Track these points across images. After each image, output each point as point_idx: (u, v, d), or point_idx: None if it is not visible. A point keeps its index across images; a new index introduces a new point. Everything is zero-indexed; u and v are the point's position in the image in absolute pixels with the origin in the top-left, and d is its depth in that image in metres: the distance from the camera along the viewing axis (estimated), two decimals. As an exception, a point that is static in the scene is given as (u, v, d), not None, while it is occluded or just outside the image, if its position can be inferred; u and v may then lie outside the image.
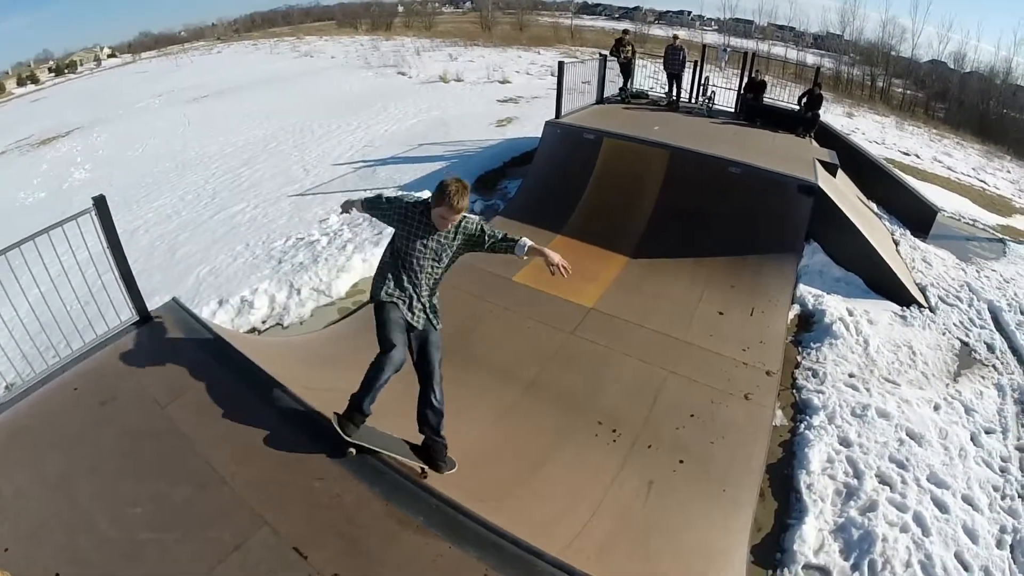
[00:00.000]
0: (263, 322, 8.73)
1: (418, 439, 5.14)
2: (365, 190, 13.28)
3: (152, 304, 6.46)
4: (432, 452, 5.09)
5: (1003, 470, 7.10)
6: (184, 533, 4.16)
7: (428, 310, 5.00)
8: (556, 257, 4.86)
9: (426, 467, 5.08)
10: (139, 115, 24.73)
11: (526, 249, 4.93)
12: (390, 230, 4.83)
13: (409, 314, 4.85)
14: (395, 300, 4.78)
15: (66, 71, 63.16)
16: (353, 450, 4.77)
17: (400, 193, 6.59)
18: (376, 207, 5.02)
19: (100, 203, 5.63)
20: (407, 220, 4.74)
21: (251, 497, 4.40)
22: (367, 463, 4.77)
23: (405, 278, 4.81)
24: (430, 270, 4.88)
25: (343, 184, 13.99)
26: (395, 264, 4.82)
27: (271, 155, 16.94)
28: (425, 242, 4.76)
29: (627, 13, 75.55)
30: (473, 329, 8.48)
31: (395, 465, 4.83)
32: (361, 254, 10.17)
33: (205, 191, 14.26)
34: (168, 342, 6.00)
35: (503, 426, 6.75)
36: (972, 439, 7.51)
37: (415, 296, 4.88)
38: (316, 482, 4.57)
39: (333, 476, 4.63)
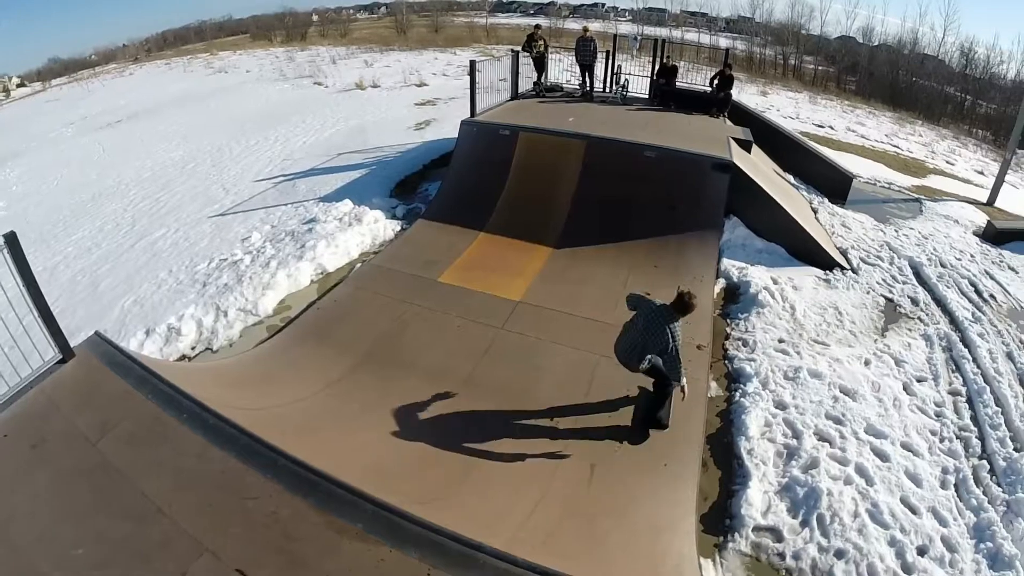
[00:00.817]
0: (192, 348, 8.44)
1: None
2: (286, 204, 13.10)
3: (80, 339, 6.26)
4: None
5: (938, 415, 7.37)
6: (128, 568, 4.11)
7: None
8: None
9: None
10: (52, 145, 23.70)
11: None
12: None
13: None
14: None
15: (-27, 106, 60.65)
16: None
17: None
18: None
19: (11, 241, 5.45)
20: None
21: (190, 524, 4.37)
22: (299, 476, 4.74)
23: None
24: None
25: (263, 200, 13.65)
26: None
27: (189, 177, 16.45)
28: None
29: (541, 9, 75.85)
30: (400, 333, 8.40)
31: (327, 474, 4.77)
32: (285, 270, 9.92)
33: (124, 219, 13.74)
34: (94, 377, 5.82)
35: (441, 426, 6.71)
36: (905, 389, 7.77)
37: None
38: (251, 502, 4.53)
39: (267, 494, 4.60)
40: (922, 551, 5.55)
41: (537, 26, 18.02)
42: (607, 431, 6.71)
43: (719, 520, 5.88)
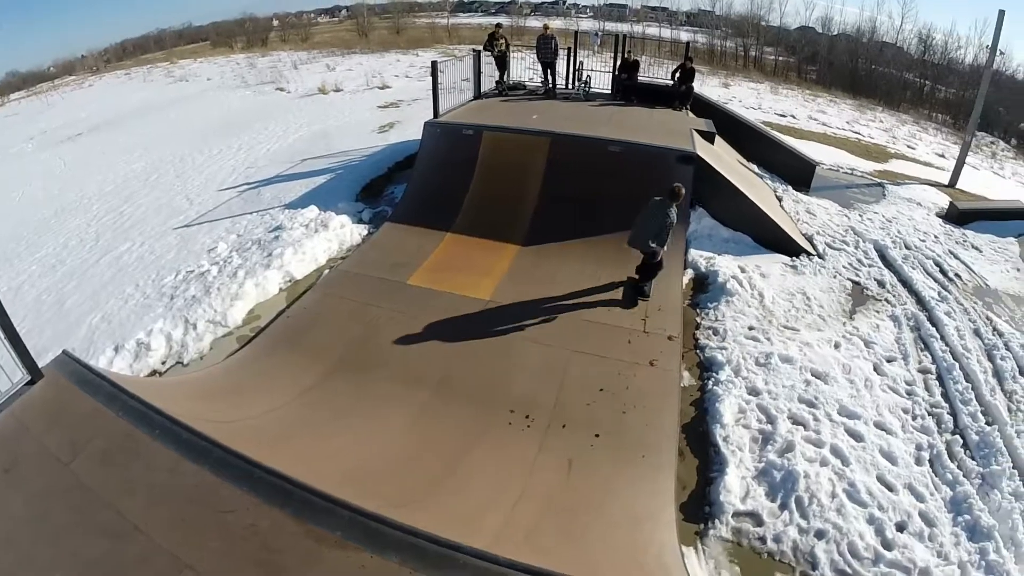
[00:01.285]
0: (163, 363, 8.28)
1: None
2: (252, 213, 12.91)
3: (48, 359, 6.11)
4: None
5: (910, 393, 7.49)
6: (107, 588, 4.02)
7: None
8: None
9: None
10: (12, 162, 23.12)
11: None
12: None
13: None
14: None
15: (-71, 125, 59.12)
16: None
17: None
18: None
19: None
20: None
21: (167, 541, 4.30)
22: (275, 486, 4.67)
23: None
24: None
25: (229, 210, 13.47)
26: None
27: (153, 188, 16.16)
28: None
29: (503, 8, 75.73)
30: (371, 337, 8.32)
31: (303, 483, 4.71)
32: (253, 279, 9.78)
33: (88, 235, 13.47)
34: (63, 397, 5.68)
35: (416, 429, 6.68)
36: (875, 369, 7.89)
37: None
38: (228, 515, 4.47)
39: (244, 506, 4.53)
40: (901, 527, 5.63)
41: (498, 25, 17.97)
42: (583, 425, 6.69)
43: (699, 508, 5.91)
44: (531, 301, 9.07)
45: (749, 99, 27.90)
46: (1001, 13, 15.50)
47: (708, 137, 13.26)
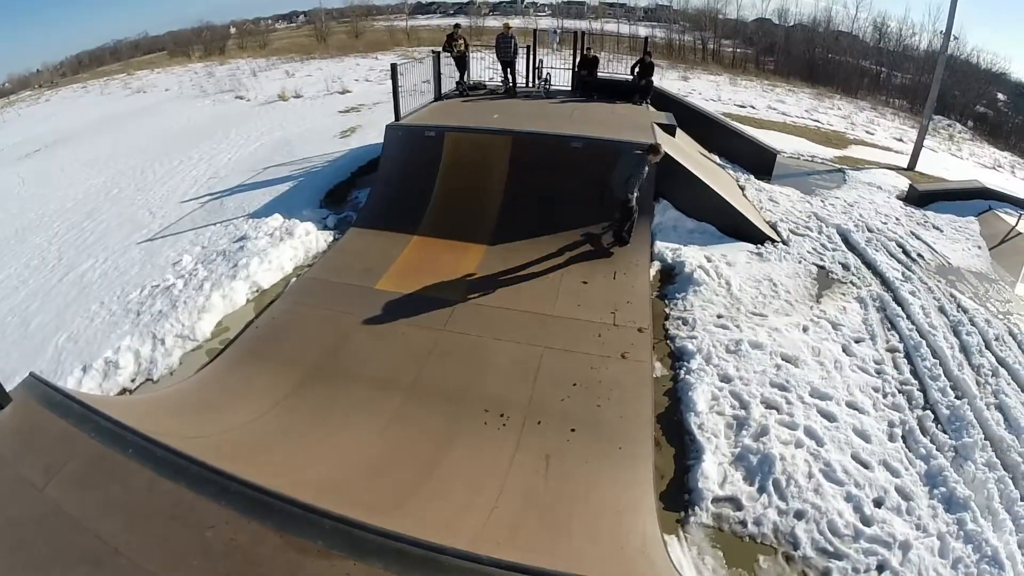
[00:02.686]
0: (132, 380, 8.10)
1: None
2: (215, 224, 12.75)
3: (16, 383, 5.95)
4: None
5: (879, 372, 7.63)
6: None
7: None
8: None
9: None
10: (-32, 181, 22.76)
11: None
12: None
13: None
14: None
15: None
16: None
17: None
18: None
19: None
20: None
21: (148, 562, 4.20)
22: (254, 499, 4.59)
23: None
24: None
25: (192, 221, 13.28)
26: None
27: (114, 203, 15.86)
28: None
29: (461, 8, 75.51)
30: (343, 344, 8.24)
31: (281, 494, 4.63)
32: (220, 291, 9.64)
33: (50, 253, 13.19)
34: (33, 420, 5.51)
35: (391, 434, 6.62)
36: (844, 350, 8.02)
37: None
38: (208, 531, 4.38)
39: (223, 521, 4.44)
40: (878, 503, 5.73)
41: (457, 25, 17.94)
42: (558, 421, 6.70)
43: (678, 496, 5.94)
44: (500, 299, 9.07)
45: (708, 91, 28.20)
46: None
47: (669, 130, 13.34)
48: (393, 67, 13.54)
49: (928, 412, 6.93)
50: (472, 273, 9.81)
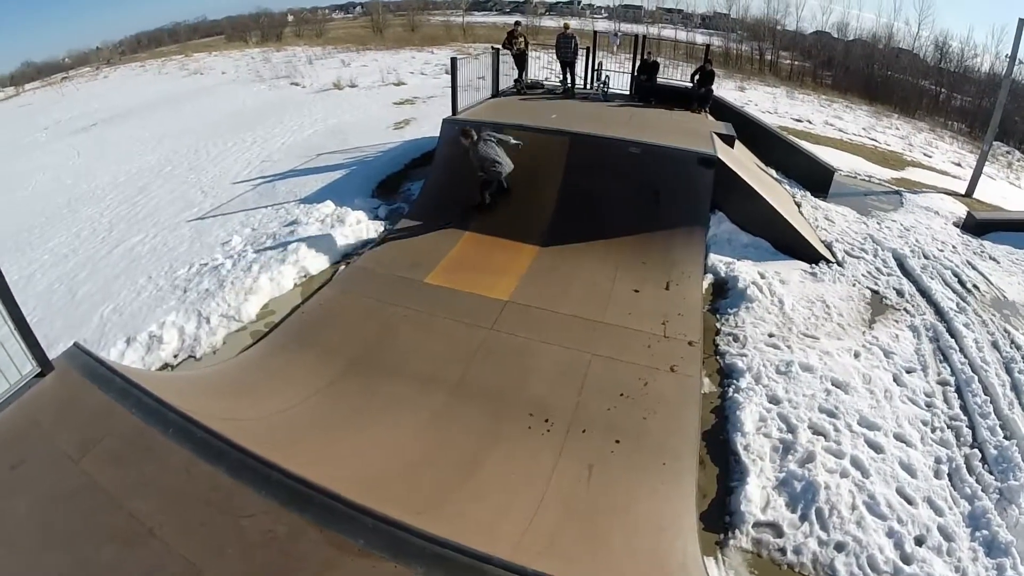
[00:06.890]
0: (175, 356, 8.19)
1: None
2: (266, 206, 12.90)
3: (59, 350, 5.99)
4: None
5: (929, 405, 7.38)
6: (116, 595, 3.87)
7: None
8: None
9: None
10: (26, 152, 23.10)
11: None
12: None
13: None
14: None
15: (-57, 113, 59.08)
16: None
17: None
18: None
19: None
20: None
21: (182, 546, 4.12)
22: (295, 490, 4.52)
23: None
24: None
25: (243, 203, 13.42)
26: None
27: (167, 180, 16.13)
28: None
29: (518, 7, 75.61)
30: (387, 337, 8.22)
31: (324, 488, 4.55)
32: (268, 273, 9.70)
33: (101, 225, 13.43)
34: (74, 391, 5.51)
35: (432, 432, 6.56)
36: (895, 380, 7.78)
37: None
38: (245, 520, 4.31)
39: (262, 511, 4.37)
40: (920, 541, 5.53)
41: (517, 23, 17.91)
42: (603, 430, 6.58)
43: (719, 517, 5.82)
44: (550, 302, 8.97)
45: (765, 103, 27.82)
46: (1021, 22, 15.36)
47: (728, 140, 13.14)
48: (453, 60, 13.54)
49: (976, 451, 6.67)
50: (523, 274, 9.75)
